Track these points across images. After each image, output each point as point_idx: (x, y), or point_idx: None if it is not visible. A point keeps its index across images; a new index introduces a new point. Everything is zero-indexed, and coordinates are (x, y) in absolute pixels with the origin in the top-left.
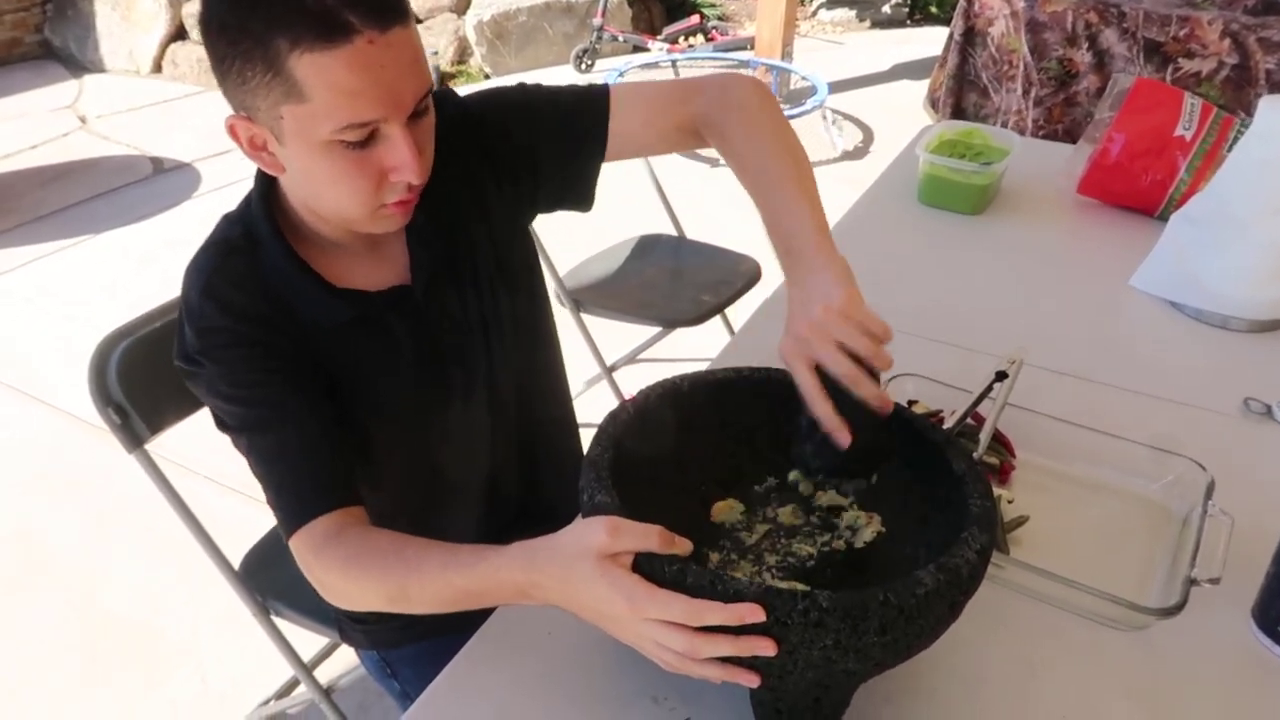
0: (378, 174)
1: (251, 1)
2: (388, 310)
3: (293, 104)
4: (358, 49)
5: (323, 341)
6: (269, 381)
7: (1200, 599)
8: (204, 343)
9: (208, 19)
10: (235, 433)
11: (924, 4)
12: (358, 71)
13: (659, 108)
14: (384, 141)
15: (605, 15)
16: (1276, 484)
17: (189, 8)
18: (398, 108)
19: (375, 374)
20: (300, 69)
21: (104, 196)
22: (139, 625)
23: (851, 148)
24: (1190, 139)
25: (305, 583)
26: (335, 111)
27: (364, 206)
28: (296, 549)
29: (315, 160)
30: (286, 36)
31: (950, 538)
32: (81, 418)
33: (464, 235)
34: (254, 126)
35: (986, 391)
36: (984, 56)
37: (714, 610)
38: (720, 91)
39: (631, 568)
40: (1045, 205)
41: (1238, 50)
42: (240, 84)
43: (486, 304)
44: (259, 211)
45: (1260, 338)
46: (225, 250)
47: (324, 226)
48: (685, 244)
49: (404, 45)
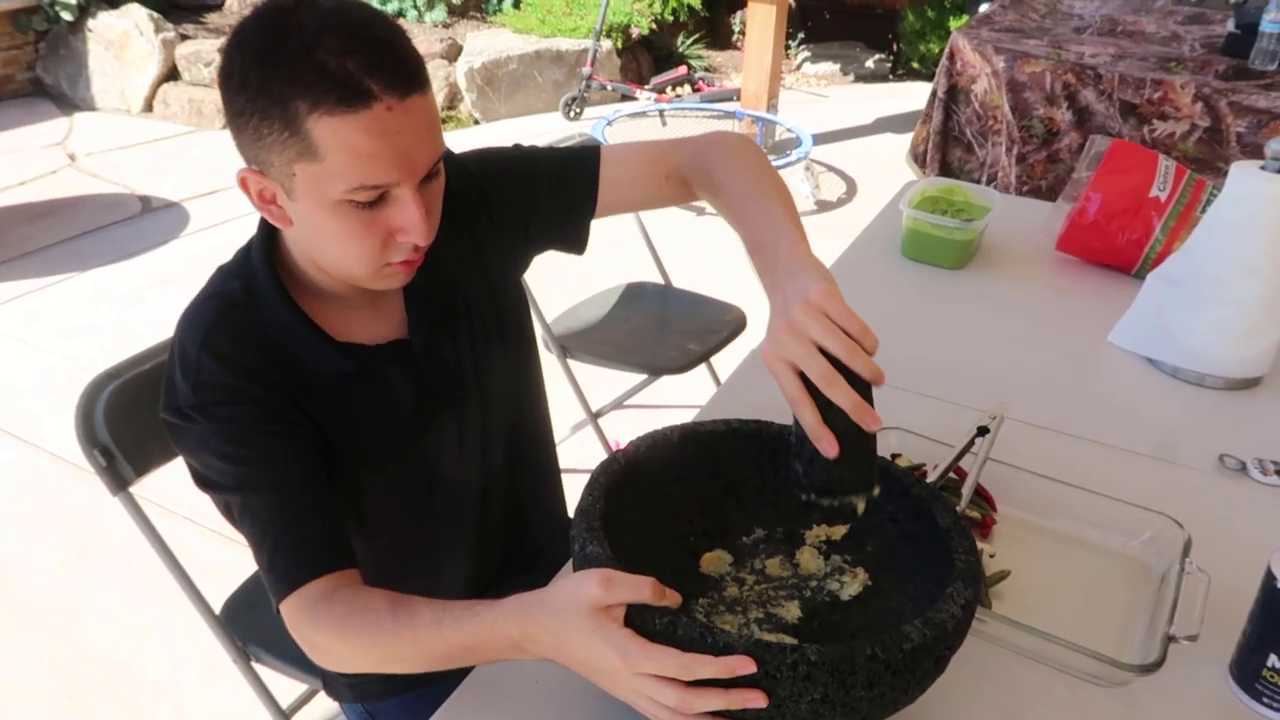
0: (385, 234)
1: (274, 61)
2: (387, 364)
3: (306, 162)
4: (376, 115)
5: (320, 394)
6: (264, 441)
7: (1179, 655)
8: (200, 398)
9: (229, 74)
10: (226, 491)
11: (906, 60)
12: (374, 136)
13: (648, 161)
14: (394, 203)
15: (594, 65)
16: (1251, 541)
17: (182, 49)
18: (411, 173)
19: (372, 425)
20: (317, 130)
21: (91, 234)
22: (117, 665)
23: (834, 199)
24: (1165, 200)
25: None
26: (348, 173)
27: (369, 265)
28: (288, 613)
29: (324, 218)
30: (306, 99)
31: (935, 592)
32: (62, 456)
33: (459, 289)
34: (265, 180)
35: (969, 446)
36: (968, 113)
37: (706, 663)
38: (707, 142)
39: (624, 620)
40: (1025, 261)
41: (1209, 113)
42: (255, 139)
43: (480, 355)
44: (260, 263)
45: (1235, 395)
46: (224, 304)
47: (326, 280)
48: (672, 292)
49: (421, 112)
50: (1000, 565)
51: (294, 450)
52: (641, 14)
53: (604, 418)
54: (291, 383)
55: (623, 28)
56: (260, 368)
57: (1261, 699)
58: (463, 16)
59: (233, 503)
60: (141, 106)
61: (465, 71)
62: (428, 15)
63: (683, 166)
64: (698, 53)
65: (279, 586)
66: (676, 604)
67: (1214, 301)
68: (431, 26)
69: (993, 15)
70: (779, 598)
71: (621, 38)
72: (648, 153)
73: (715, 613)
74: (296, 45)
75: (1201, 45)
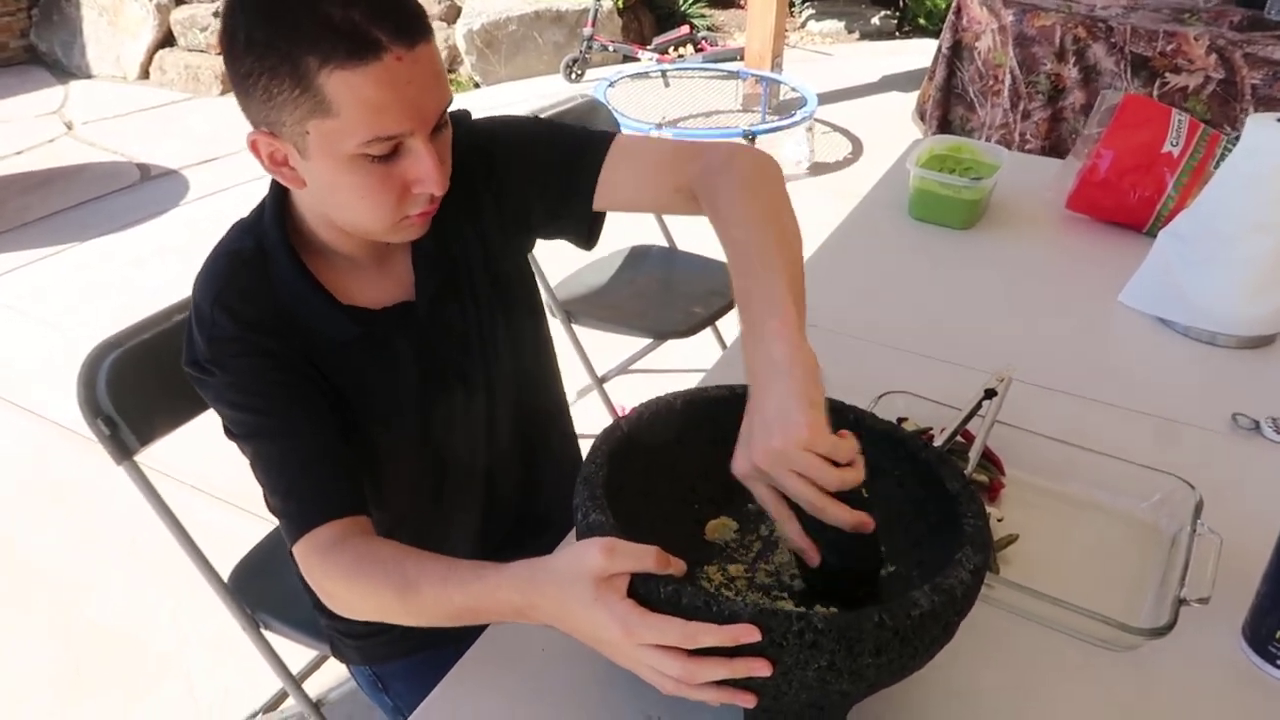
0: (401, 186)
1: (279, 18)
2: (392, 328)
3: (319, 119)
4: (386, 65)
5: (327, 354)
6: (277, 392)
7: (1190, 618)
8: (215, 351)
9: (233, 34)
10: (242, 440)
11: (912, 16)
12: (386, 87)
13: (661, 166)
14: (407, 155)
15: (595, 25)
16: (1264, 501)
17: (177, 14)
18: (422, 122)
19: (377, 387)
20: (330, 85)
21: (90, 203)
22: (124, 637)
23: (840, 159)
24: (1178, 155)
25: (296, 595)
26: (362, 126)
27: (387, 219)
28: (300, 554)
29: (340, 174)
30: (316, 54)
31: (943, 557)
32: (65, 426)
33: (465, 253)
34: (275, 142)
35: (976, 409)
36: (971, 71)
37: (709, 632)
38: (724, 158)
39: (627, 589)
40: (1034, 220)
41: (1224, 65)
42: (265, 100)
43: (485, 318)
44: (272, 224)
45: (1247, 354)
46: (237, 261)
47: (337, 240)
48: (676, 255)
49: (428, 61)
50: (1008, 529)
51: (307, 399)
52: None
53: (609, 383)
54: (300, 341)
55: None
56: (270, 323)
57: (1275, 661)
58: None
59: (247, 450)
60: (138, 73)
61: (464, 33)
62: None
63: (693, 183)
64: (700, 11)
65: (291, 529)
66: (681, 572)
67: (1226, 258)
68: None
69: None
70: (786, 563)
71: None
72: (662, 158)
73: (724, 581)
74: (299, 0)
75: None
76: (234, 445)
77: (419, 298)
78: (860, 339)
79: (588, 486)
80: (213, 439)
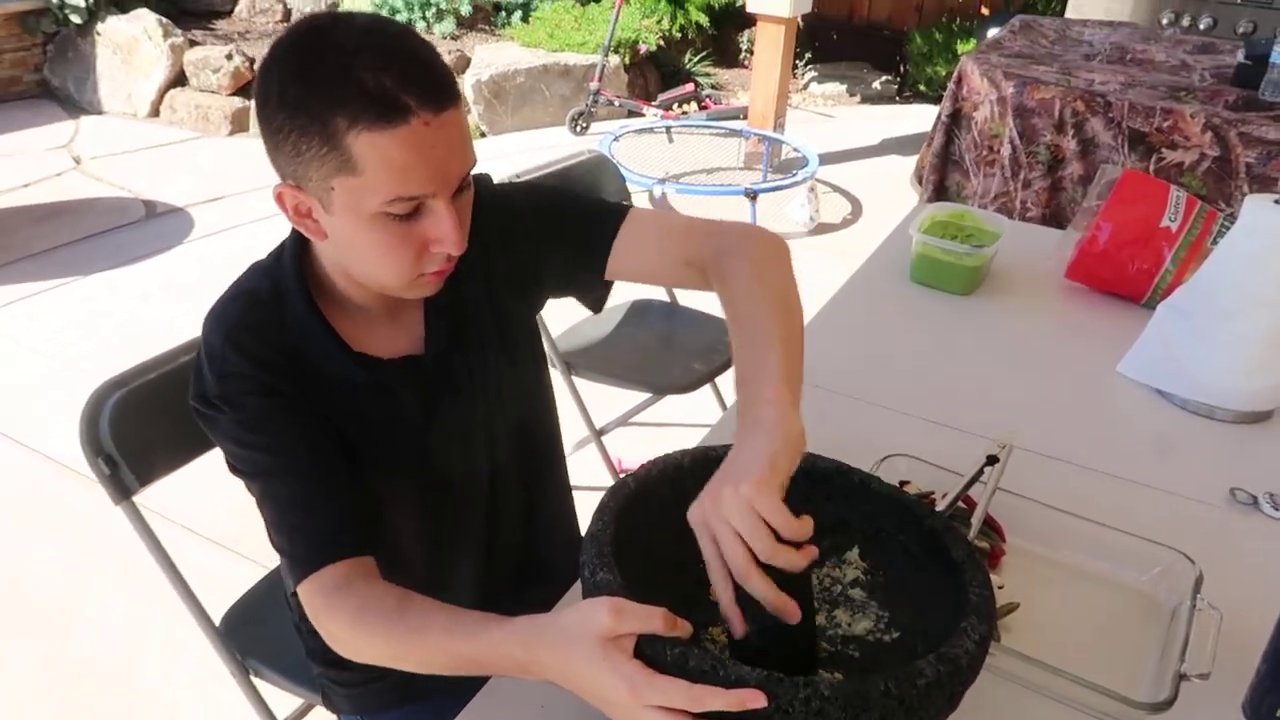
0: (420, 245)
1: (312, 78)
2: (398, 377)
3: (345, 176)
4: (413, 129)
5: (334, 398)
6: (287, 431)
7: (1190, 693)
8: (225, 388)
9: (266, 91)
10: (249, 478)
11: (913, 82)
12: (412, 150)
13: (672, 242)
14: (428, 215)
15: (601, 80)
16: (1263, 577)
17: (190, 55)
18: (445, 184)
19: (380, 434)
20: (357, 146)
21: (95, 237)
22: (114, 672)
23: (839, 220)
24: (1175, 230)
25: (286, 642)
26: (386, 186)
27: (404, 275)
28: (304, 595)
29: (361, 230)
30: (346, 115)
31: (948, 625)
32: (62, 461)
33: (477, 309)
34: (301, 195)
35: (978, 475)
36: (967, 139)
37: (716, 696)
38: (739, 239)
39: (634, 650)
40: (1034, 288)
41: (1219, 143)
42: (294, 155)
43: (491, 370)
44: (290, 269)
45: (1246, 429)
46: (251, 301)
47: (352, 291)
48: (678, 311)
49: (454, 126)
50: (1009, 597)
51: (315, 440)
52: (650, 30)
53: (608, 435)
54: (308, 383)
55: (631, 44)
56: (280, 363)
57: None
58: (471, 29)
59: (255, 488)
60: (148, 111)
61: (473, 84)
62: (436, 27)
63: (704, 259)
64: (705, 70)
65: (296, 570)
66: (687, 634)
67: (1224, 334)
68: (440, 38)
69: (1002, 40)
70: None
71: (629, 54)
72: (674, 233)
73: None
74: (335, 63)
75: (1211, 75)
76: (231, 488)
77: (428, 350)
78: (862, 400)
79: (595, 544)
80: (210, 481)
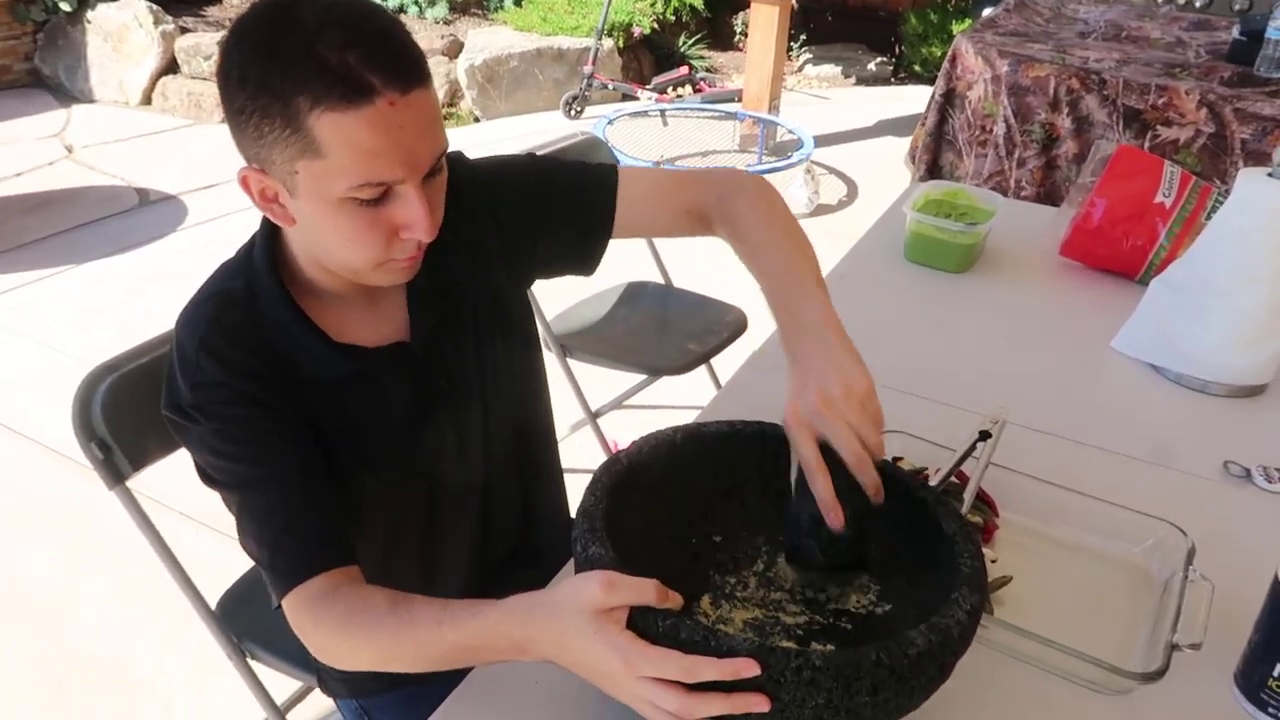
0: (389, 230)
1: (274, 57)
2: (384, 365)
3: (309, 160)
4: (378, 110)
5: (317, 396)
6: (264, 439)
7: (1182, 663)
8: (199, 398)
9: (226, 71)
10: (227, 489)
11: (908, 63)
12: (378, 132)
13: (669, 189)
14: (397, 199)
15: (595, 63)
16: (1255, 549)
17: (181, 42)
18: (414, 169)
19: (369, 427)
20: (320, 127)
21: (88, 226)
22: (108, 662)
23: (834, 201)
24: (1170, 206)
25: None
26: (352, 170)
27: (372, 262)
28: (289, 608)
29: (327, 216)
30: (308, 95)
31: (939, 597)
32: (55, 449)
33: (462, 293)
34: (266, 179)
35: (970, 450)
36: (961, 119)
37: (709, 665)
38: (732, 185)
39: (626, 622)
40: (1029, 266)
41: (1214, 120)
42: (257, 137)
43: (483, 358)
44: (262, 262)
45: (1239, 402)
46: (223, 302)
47: (327, 279)
48: (672, 292)
49: (423, 107)
50: (1002, 571)
51: (292, 449)
52: (643, 13)
53: (603, 417)
54: (288, 384)
55: (624, 27)
56: (258, 368)
57: (1267, 709)
58: (464, 13)
59: (232, 500)
60: (140, 99)
61: (466, 68)
62: (429, 11)
63: (708, 205)
64: (699, 53)
65: (279, 584)
66: (679, 606)
67: (1218, 309)
68: (433, 23)
69: (997, 19)
70: (781, 601)
71: (623, 37)
72: (668, 182)
73: (721, 619)
74: (296, 41)
75: (1206, 51)
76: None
77: (414, 338)
78: None
79: (587, 519)
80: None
